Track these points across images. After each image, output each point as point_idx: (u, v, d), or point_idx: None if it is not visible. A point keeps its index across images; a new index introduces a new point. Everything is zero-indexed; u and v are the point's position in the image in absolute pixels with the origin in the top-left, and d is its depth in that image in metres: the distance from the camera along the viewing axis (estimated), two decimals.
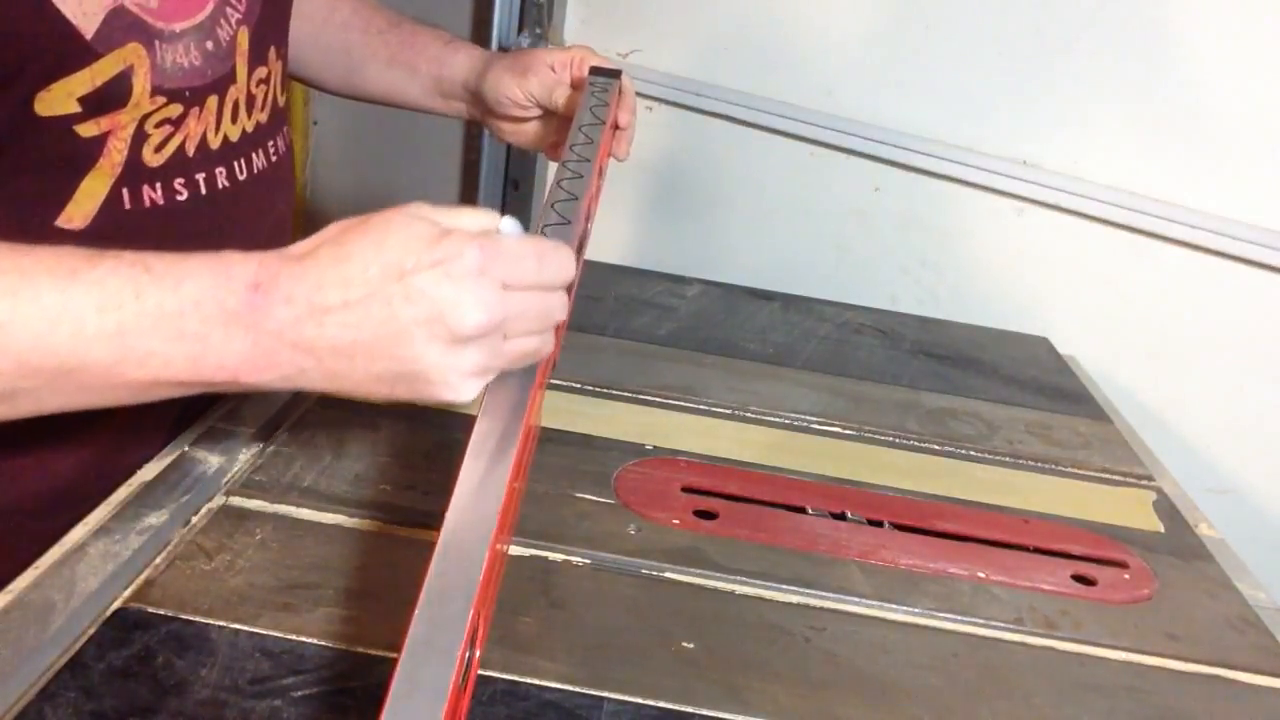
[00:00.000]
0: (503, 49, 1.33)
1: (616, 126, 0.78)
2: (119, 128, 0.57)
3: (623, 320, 0.98)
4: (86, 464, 0.63)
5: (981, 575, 0.66)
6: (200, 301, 0.43)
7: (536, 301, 0.47)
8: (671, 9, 1.32)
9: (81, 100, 0.55)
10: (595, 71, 0.79)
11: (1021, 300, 1.27)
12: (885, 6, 1.23)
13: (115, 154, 0.57)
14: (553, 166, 0.87)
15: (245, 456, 0.66)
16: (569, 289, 0.49)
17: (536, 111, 0.82)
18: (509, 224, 0.47)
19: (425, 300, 0.43)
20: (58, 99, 0.54)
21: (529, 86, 0.80)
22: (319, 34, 0.84)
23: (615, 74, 0.79)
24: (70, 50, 0.53)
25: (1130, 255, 1.22)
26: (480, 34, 1.41)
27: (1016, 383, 0.99)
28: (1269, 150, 1.13)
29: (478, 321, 0.44)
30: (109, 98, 0.56)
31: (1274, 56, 1.11)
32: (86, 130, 0.56)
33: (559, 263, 0.47)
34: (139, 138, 0.58)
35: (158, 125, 0.59)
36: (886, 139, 1.26)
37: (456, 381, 0.45)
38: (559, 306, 0.48)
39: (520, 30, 1.34)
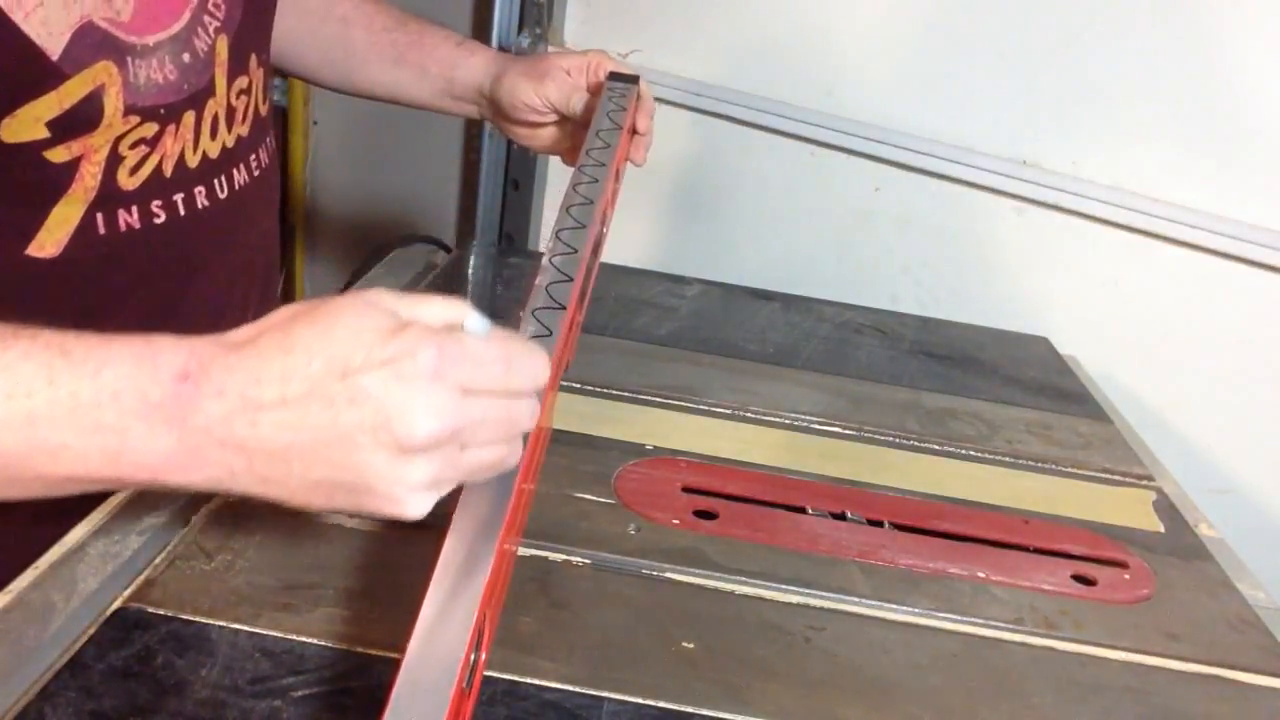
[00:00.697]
0: (503, 49, 1.33)
1: (635, 131, 0.78)
2: (91, 151, 0.54)
3: (623, 320, 0.98)
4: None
5: (981, 575, 0.66)
6: (120, 392, 0.39)
7: (500, 409, 0.41)
8: (671, 9, 1.32)
9: (50, 125, 0.52)
10: (613, 77, 0.79)
11: (1021, 300, 1.27)
12: (885, 7, 1.23)
13: (88, 179, 0.55)
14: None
15: None
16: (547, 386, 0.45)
17: (553, 117, 0.82)
18: (475, 321, 0.42)
19: (371, 403, 0.38)
20: (24, 125, 0.51)
21: (546, 92, 0.79)
22: (317, 29, 0.83)
23: (633, 79, 0.79)
24: (35, 72, 0.50)
25: (1130, 255, 1.22)
26: (480, 34, 1.40)
27: (1016, 383, 0.99)
28: (1269, 150, 1.13)
29: (429, 430, 0.38)
30: (79, 121, 0.53)
31: (1274, 56, 1.11)
32: (57, 156, 0.53)
33: (531, 367, 0.42)
34: (113, 160, 0.56)
35: (132, 146, 0.57)
36: (887, 139, 1.26)
37: (403, 495, 0.40)
38: (528, 414, 0.43)
39: (520, 30, 1.34)
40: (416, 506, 0.41)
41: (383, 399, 0.38)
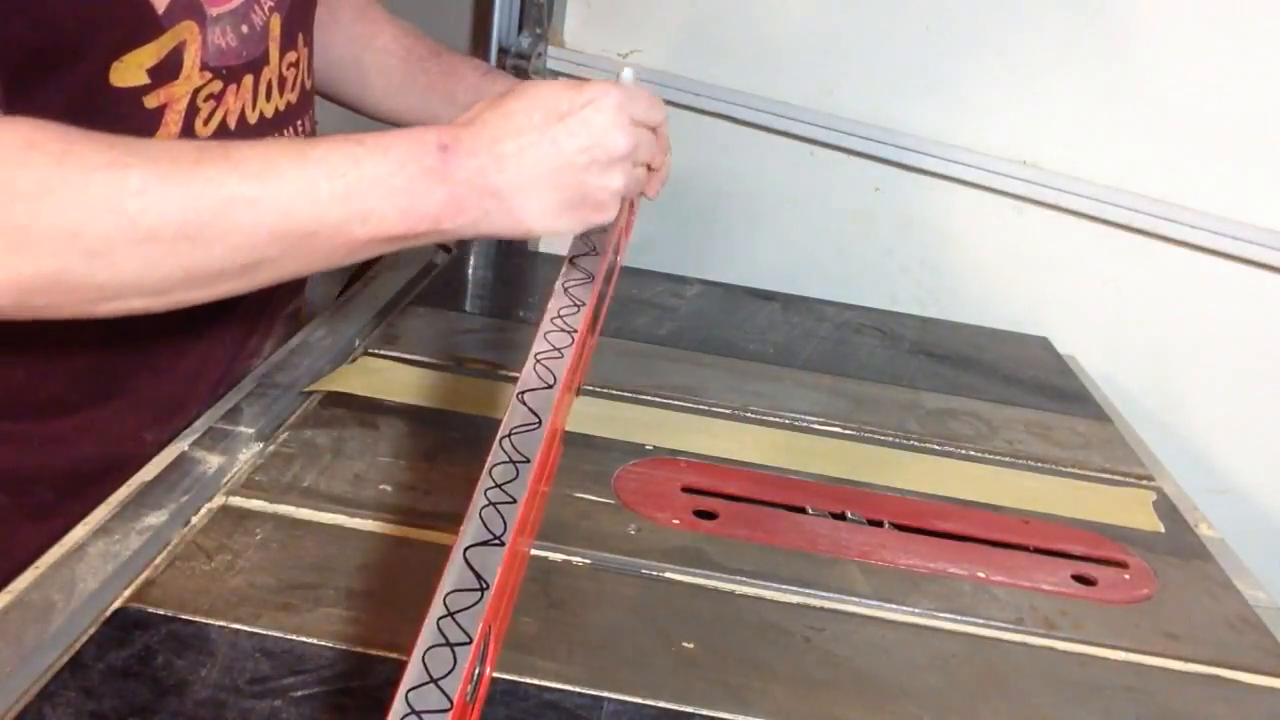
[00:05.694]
0: (503, 49, 1.33)
1: (649, 167, 0.79)
2: (174, 100, 0.61)
3: (623, 320, 0.98)
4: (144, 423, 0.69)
5: (981, 575, 0.66)
6: (404, 162, 0.52)
7: (648, 136, 0.59)
8: (671, 9, 1.32)
9: (149, 72, 0.58)
10: None
11: (1021, 300, 1.27)
12: (885, 6, 1.23)
13: (172, 125, 0.61)
14: None
15: (245, 456, 0.66)
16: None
17: None
18: (629, 74, 0.62)
19: (584, 131, 0.54)
20: (129, 70, 0.57)
21: None
22: (360, 56, 0.87)
23: None
24: (142, 23, 0.57)
25: (1130, 255, 1.22)
26: (480, 34, 1.40)
27: (1016, 383, 0.99)
28: (1269, 150, 1.13)
29: (626, 145, 0.55)
30: (168, 70, 0.59)
31: (1274, 56, 1.11)
32: (151, 101, 0.59)
33: (660, 108, 0.60)
34: (190, 111, 0.62)
35: (204, 100, 0.63)
36: (886, 139, 1.26)
37: (609, 200, 0.56)
38: (652, 144, 0.60)
39: (520, 30, 1.34)
40: (613, 209, 0.57)
41: (592, 125, 0.55)
